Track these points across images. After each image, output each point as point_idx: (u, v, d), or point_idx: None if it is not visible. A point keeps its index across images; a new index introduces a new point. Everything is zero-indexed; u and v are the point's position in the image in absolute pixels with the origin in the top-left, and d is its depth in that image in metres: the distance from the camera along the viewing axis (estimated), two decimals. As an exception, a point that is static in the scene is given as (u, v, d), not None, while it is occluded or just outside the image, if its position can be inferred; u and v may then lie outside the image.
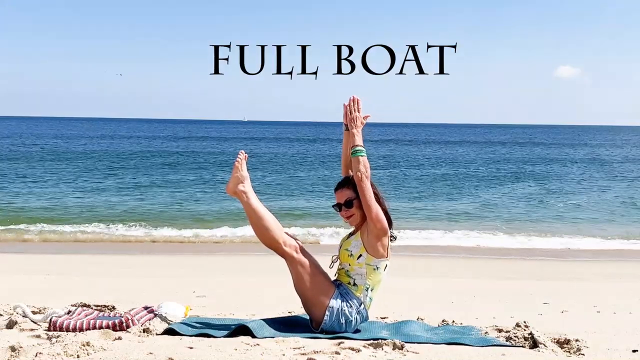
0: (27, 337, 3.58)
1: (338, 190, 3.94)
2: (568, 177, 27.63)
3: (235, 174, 3.95)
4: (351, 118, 3.93)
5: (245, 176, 3.95)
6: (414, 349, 3.43)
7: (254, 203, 3.88)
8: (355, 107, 3.95)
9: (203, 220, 14.51)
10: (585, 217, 15.81)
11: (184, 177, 24.70)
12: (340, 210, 3.93)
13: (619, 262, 10.51)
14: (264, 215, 3.83)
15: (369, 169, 3.79)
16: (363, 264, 3.81)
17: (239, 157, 3.97)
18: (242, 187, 3.92)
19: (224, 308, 5.00)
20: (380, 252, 3.80)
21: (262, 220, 3.82)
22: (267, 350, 3.31)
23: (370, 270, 3.81)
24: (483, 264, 9.83)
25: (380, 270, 3.83)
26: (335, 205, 3.94)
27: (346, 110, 3.95)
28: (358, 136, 3.87)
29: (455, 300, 5.85)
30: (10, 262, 9.14)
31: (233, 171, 3.96)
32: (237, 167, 3.95)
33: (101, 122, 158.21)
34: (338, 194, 3.93)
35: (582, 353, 3.51)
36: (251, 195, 3.90)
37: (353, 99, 3.97)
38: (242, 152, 4.01)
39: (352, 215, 3.88)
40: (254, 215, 3.85)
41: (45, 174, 24.73)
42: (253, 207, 3.86)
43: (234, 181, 3.95)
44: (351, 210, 3.88)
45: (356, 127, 3.90)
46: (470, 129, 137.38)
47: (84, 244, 11.79)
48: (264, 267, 7.79)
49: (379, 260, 3.81)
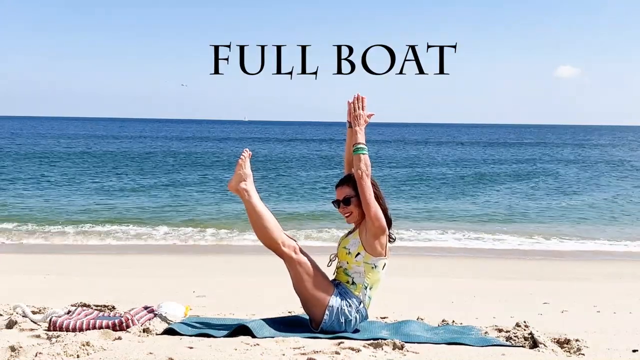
0: (27, 337, 3.58)
1: (338, 187, 3.96)
2: (570, 176, 27.63)
3: (239, 171, 3.94)
4: (355, 115, 3.93)
5: (248, 174, 3.94)
6: (414, 349, 3.44)
7: (255, 202, 3.87)
8: (359, 105, 3.94)
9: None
10: (586, 218, 15.80)
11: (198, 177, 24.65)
12: (338, 207, 3.94)
13: (619, 262, 10.51)
14: (264, 214, 3.83)
15: (369, 167, 3.79)
16: (361, 262, 3.81)
17: (243, 155, 3.97)
18: (244, 184, 3.91)
19: (224, 308, 5.00)
20: (378, 250, 3.80)
21: (261, 220, 3.82)
22: (267, 350, 3.31)
23: (368, 268, 3.81)
24: (483, 264, 9.82)
25: (379, 269, 3.83)
26: (335, 201, 3.96)
27: (350, 108, 3.95)
28: (360, 134, 3.87)
29: (455, 300, 5.86)
30: (10, 262, 9.14)
31: (236, 168, 3.96)
32: (241, 165, 3.95)
33: (93, 122, 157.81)
34: (338, 191, 3.94)
35: (582, 353, 3.51)
36: (253, 193, 3.90)
37: (357, 96, 3.97)
38: (247, 150, 4.01)
39: (351, 214, 3.89)
40: (254, 214, 3.85)
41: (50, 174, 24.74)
42: (254, 205, 3.86)
43: (236, 178, 3.95)
44: (349, 208, 3.89)
45: (359, 124, 3.89)
46: (470, 129, 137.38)
47: (84, 244, 11.78)
48: (264, 267, 7.77)
49: (377, 258, 3.81)
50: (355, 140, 3.85)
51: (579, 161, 38.58)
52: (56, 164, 29.34)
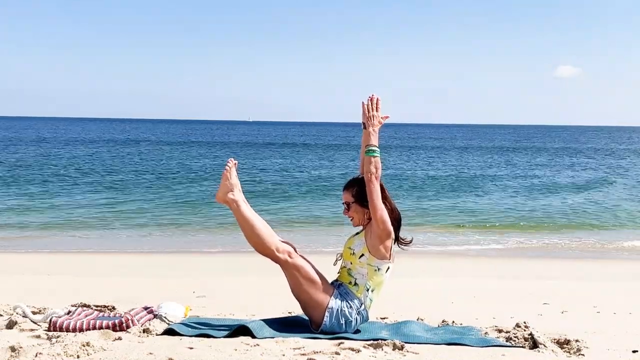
0: (27, 337, 3.58)
1: (344, 190, 3.98)
2: (572, 176, 27.60)
3: (225, 182, 3.91)
4: (368, 117, 3.91)
5: (234, 184, 3.91)
6: (414, 350, 3.44)
7: (245, 211, 3.84)
8: (373, 106, 3.92)
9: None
10: (588, 218, 15.78)
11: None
12: (344, 210, 3.97)
13: (619, 262, 10.51)
14: (254, 222, 3.81)
15: (379, 170, 3.79)
16: (364, 264, 3.81)
17: (227, 165, 3.94)
18: (231, 195, 3.89)
19: (224, 308, 5.00)
20: (382, 253, 3.80)
21: (253, 228, 3.79)
22: (267, 350, 3.31)
23: (371, 270, 3.81)
24: (483, 264, 9.82)
25: (382, 272, 3.83)
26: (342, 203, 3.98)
27: (364, 109, 3.94)
28: (374, 135, 3.86)
29: (455, 300, 5.86)
30: (10, 262, 9.14)
31: (222, 179, 3.93)
32: (226, 175, 3.91)
33: (98, 122, 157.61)
34: (343, 194, 3.97)
35: (582, 353, 3.51)
36: (241, 203, 3.87)
37: (372, 97, 3.96)
38: (231, 159, 3.98)
39: (352, 218, 3.92)
40: (245, 223, 3.82)
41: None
42: (243, 214, 3.83)
43: (223, 189, 3.92)
44: (349, 213, 3.92)
45: (373, 126, 3.88)
46: (471, 129, 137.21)
47: (84, 244, 11.77)
48: (264, 267, 7.76)
49: (381, 261, 3.81)
50: (368, 142, 3.85)
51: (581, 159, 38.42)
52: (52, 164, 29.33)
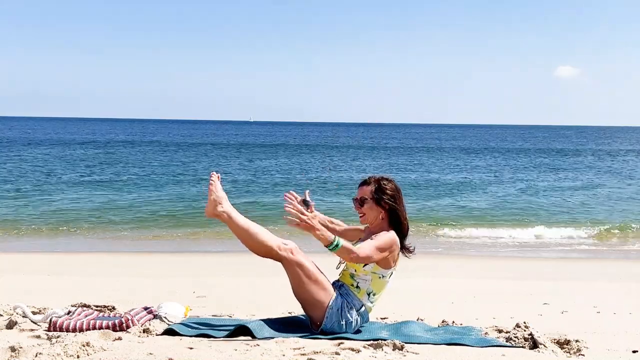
0: (27, 338, 3.58)
1: (360, 186, 3.97)
2: (572, 176, 27.59)
3: (211, 196, 3.88)
4: (305, 227, 3.52)
5: (221, 196, 3.89)
6: (414, 350, 3.44)
7: (237, 219, 3.83)
8: (298, 208, 3.58)
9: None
10: (588, 218, 15.77)
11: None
12: (355, 205, 3.95)
13: (619, 262, 10.51)
14: (250, 227, 3.80)
15: (354, 250, 3.60)
16: (369, 272, 3.80)
17: (211, 179, 3.92)
18: (220, 207, 3.86)
19: (224, 308, 5.00)
20: (388, 263, 3.82)
21: (249, 233, 3.78)
22: (267, 350, 3.31)
23: (375, 277, 3.81)
24: (483, 264, 9.81)
25: (386, 278, 3.85)
26: (354, 199, 3.96)
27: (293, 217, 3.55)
28: (322, 235, 3.53)
29: (455, 300, 5.86)
30: (10, 262, 9.13)
31: (209, 194, 3.89)
32: (212, 190, 3.89)
33: (99, 122, 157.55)
34: (359, 190, 3.95)
35: (582, 354, 3.51)
36: (232, 213, 3.85)
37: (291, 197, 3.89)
38: (214, 173, 3.97)
39: (364, 215, 3.91)
40: (241, 231, 3.81)
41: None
42: (237, 223, 3.82)
43: (211, 204, 3.89)
44: (363, 209, 3.90)
45: (314, 229, 3.53)
46: (471, 129, 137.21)
47: (85, 244, 11.78)
48: (264, 267, 7.76)
49: (386, 270, 3.82)
50: (324, 243, 3.56)
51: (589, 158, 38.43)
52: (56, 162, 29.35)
